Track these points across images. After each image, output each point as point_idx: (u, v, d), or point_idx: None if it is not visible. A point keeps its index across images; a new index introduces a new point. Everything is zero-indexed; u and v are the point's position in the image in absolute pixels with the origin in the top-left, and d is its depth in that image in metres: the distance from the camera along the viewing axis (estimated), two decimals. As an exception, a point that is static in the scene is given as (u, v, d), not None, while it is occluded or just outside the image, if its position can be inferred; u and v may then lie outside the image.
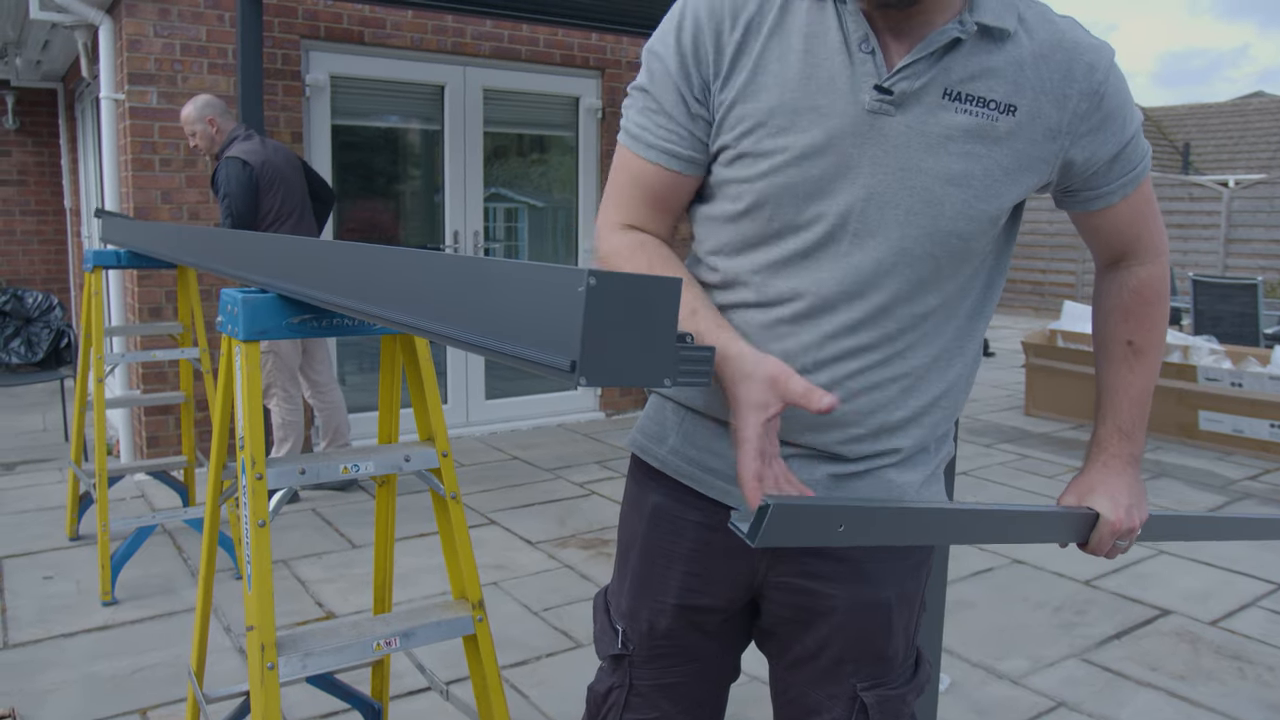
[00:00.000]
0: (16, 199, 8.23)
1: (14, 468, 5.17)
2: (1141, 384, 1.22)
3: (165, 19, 4.69)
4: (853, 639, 1.18)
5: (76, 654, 2.96)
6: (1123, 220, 1.18)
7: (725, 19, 1.08)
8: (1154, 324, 1.21)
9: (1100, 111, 1.09)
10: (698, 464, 1.21)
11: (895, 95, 1.03)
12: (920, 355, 1.13)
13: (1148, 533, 1.24)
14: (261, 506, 1.66)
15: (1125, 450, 1.22)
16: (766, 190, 1.09)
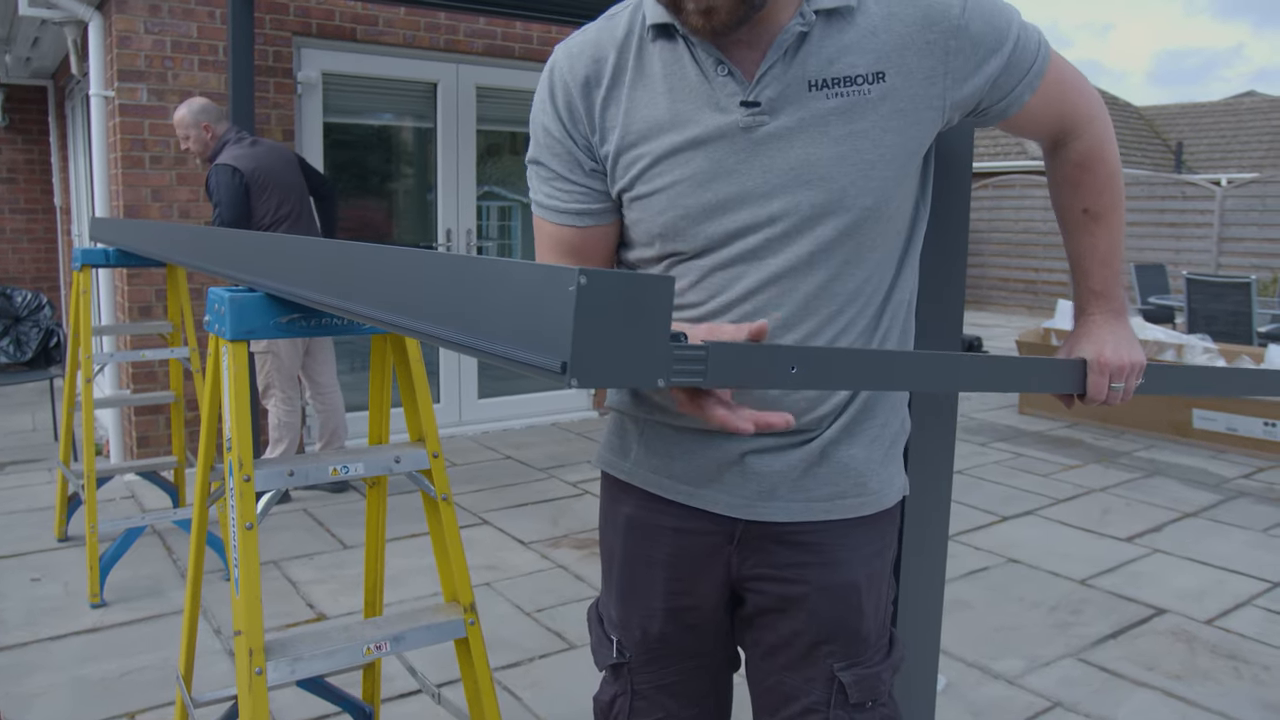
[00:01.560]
0: (6, 197, 8.18)
1: (3, 468, 5.13)
2: (1105, 245, 1.25)
3: (156, 15, 4.65)
4: (827, 622, 1.21)
5: (64, 657, 2.93)
6: (1041, 111, 1.19)
7: (590, 77, 1.15)
8: (1103, 187, 1.23)
9: (970, 42, 1.10)
10: (662, 471, 1.24)
11: (763, 104, 1.08)
12: (856, 329, 1.16)
13: (1152, 384, 1.26)
14: (249, 509, 1.64)
15: (1103, 307, 1.26)
16: (667, 223, 1.14)
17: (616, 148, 1.15)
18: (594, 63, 1.15)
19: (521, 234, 6.39)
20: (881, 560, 1.24)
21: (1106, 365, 1.21)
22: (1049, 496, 4.71)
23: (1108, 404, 1.23)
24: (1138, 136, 18.23)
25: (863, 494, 1.20)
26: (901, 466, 1.28)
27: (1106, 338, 1.24)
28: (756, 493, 1.18)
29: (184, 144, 4.13)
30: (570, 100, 1.16)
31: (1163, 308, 8.49)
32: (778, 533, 1.20)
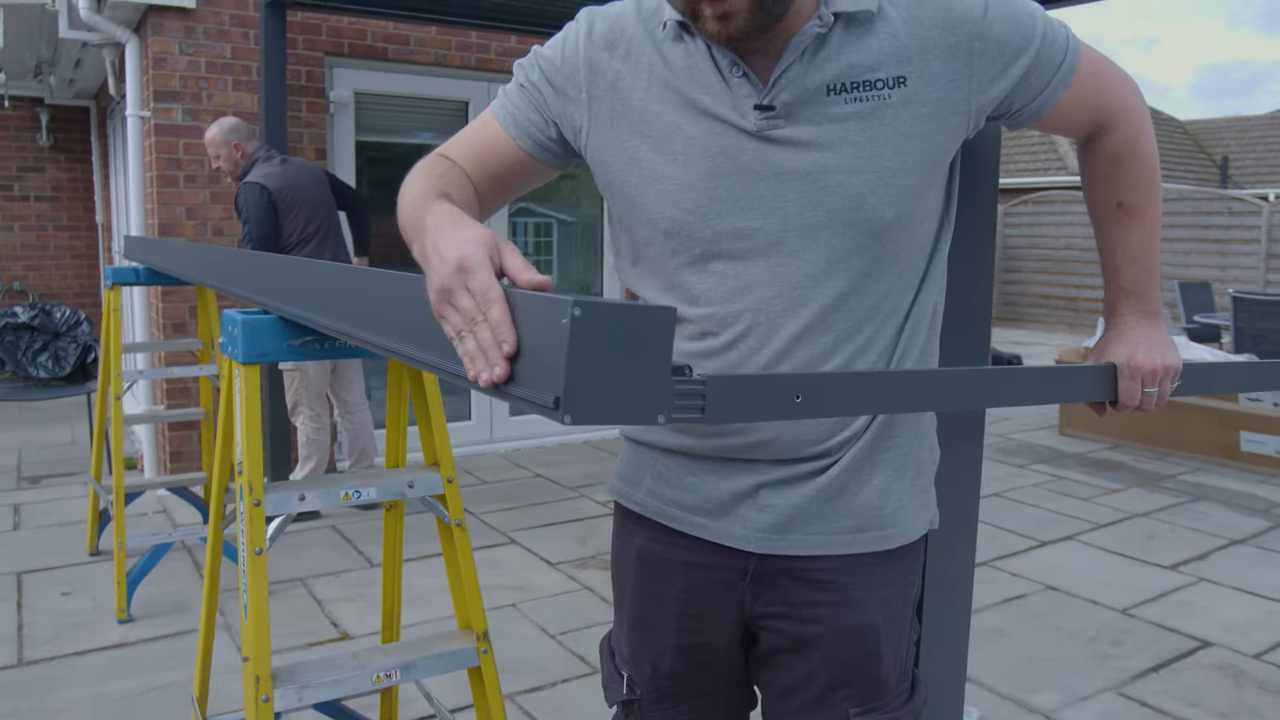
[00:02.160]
0: (50, 214, 8.34)
1: (40, 481, 5.19)
2: (1139, 241, 1.19)
3: (190, 37, 4.71)
4: (842, 665, 1.16)
5: (89, 673, 2.94)
6: (1074, 107, 1.14)
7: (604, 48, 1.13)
8: (1138, 180, 1.17)
9: (995, 44, 1.07)
10: (675, 503, 1.20)
11: (778, 108, 1.05)
12: (877, 347, 1.11)
13: (1188, 384, 1.21)
14: (259, 534, 1.62)
15: (1135, 307, 1.21)
16: (674, 220, 1.10)
17: (623, 138, 1.12)
18: (617, 42, 1.13)
19: (558, 250, 6.39)
20: (902, 600, 1.19)
21: (1138, 369, 1.16)
22: (1090, 521, 4.59)
23: (1142, 409, 1.18)
24: (1182, 151, 17.92)
25: (884, 527, 1.15)
26: (929, 498, 1.22)
27: (1138, 340, 1.18)
28: (771, 525, 1.13)
29: (215, 162, 4.17)
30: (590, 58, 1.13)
31: (1208, 326, 8.28)
32: (792, 569, 1.15)
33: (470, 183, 1.15)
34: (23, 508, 4.68)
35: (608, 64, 1.13)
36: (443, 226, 0.91)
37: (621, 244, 1.20)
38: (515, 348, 0.80)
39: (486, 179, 1.18)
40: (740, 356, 1.09)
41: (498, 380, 0.81)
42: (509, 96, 1.19)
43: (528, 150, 1.17)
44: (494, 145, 1.18)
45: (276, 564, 3.86)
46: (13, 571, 3.79)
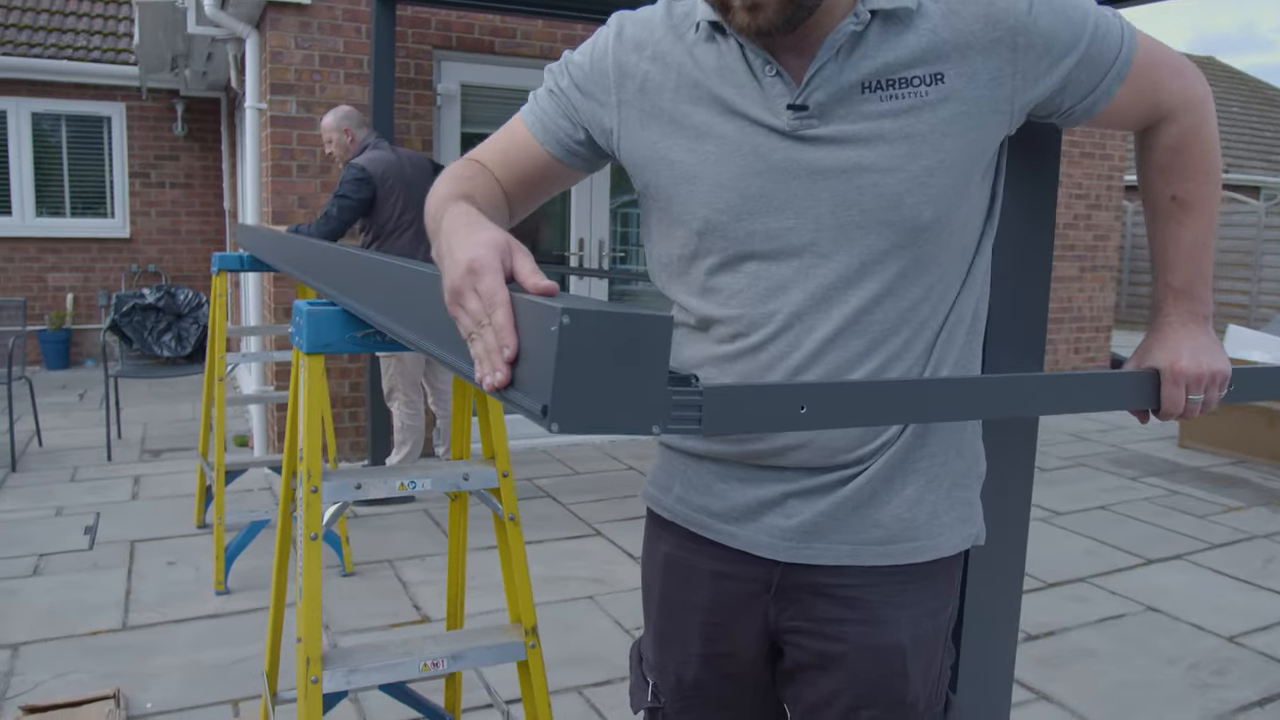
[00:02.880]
0: (183, 201, 8.79)
1: (160, 454, 5.49)
2: (1191, 238, 1.13)
3: (306, 31, 4.88)
4: (867, 685, 1.12)
5: (185, 640, 3.09)
6: (1131, 101, 1.09)
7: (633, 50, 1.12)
8: (1195, 173, 1.11)
9: (1041, 39, 1.02)
10: (703, 510, 1.18)
11: (811, 108, 1.03)
12: (914, 351, 1.07)
13: (1241, 390, 1.14)
14: (315, 520, 1.66)
15: (1184, 308, 1.15)
16: (707, 219, 1.09)
17: (654, 138, 1.11)
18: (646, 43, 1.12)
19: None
20: (934, 621, 1.14)
21: (1182, 375, 1.10)
22: (1203, 540, 4.34)
23: (1186, 417, 1.12)
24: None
25: (916, 539, 1.10)
26: (971, 511, 1.17)
27: (1184, 343, 1.12)
28: (798, 533, 1.11)
29: (327, 148, 4.33)
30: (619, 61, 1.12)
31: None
32: (816, 584, 1.12)
33: (499, 185, 1.17)
34: (142, 479, 4.95)
35: (636, 65, 1.12)
36: (458, 228, 0.92)
37: (655, 249, 1.18)
38: (516, 352, 0.81)
39: (515, 182, 1.19)
40: (771, 359, 1.07)
41: (498, 385, 0.81)
42: (539, 102, 1.20)
43: (555, 155, 1.18)
44: (522, 150, 1.19)
45: (367, 545, 3.99)
46: (126, 540, 4.01)
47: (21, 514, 4.34)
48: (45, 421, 6.04)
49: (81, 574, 3.63)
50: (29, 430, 5.77)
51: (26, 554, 3.83)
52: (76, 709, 2.54)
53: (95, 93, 8.32)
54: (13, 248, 8.27)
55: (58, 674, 2.83)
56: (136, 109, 8.49)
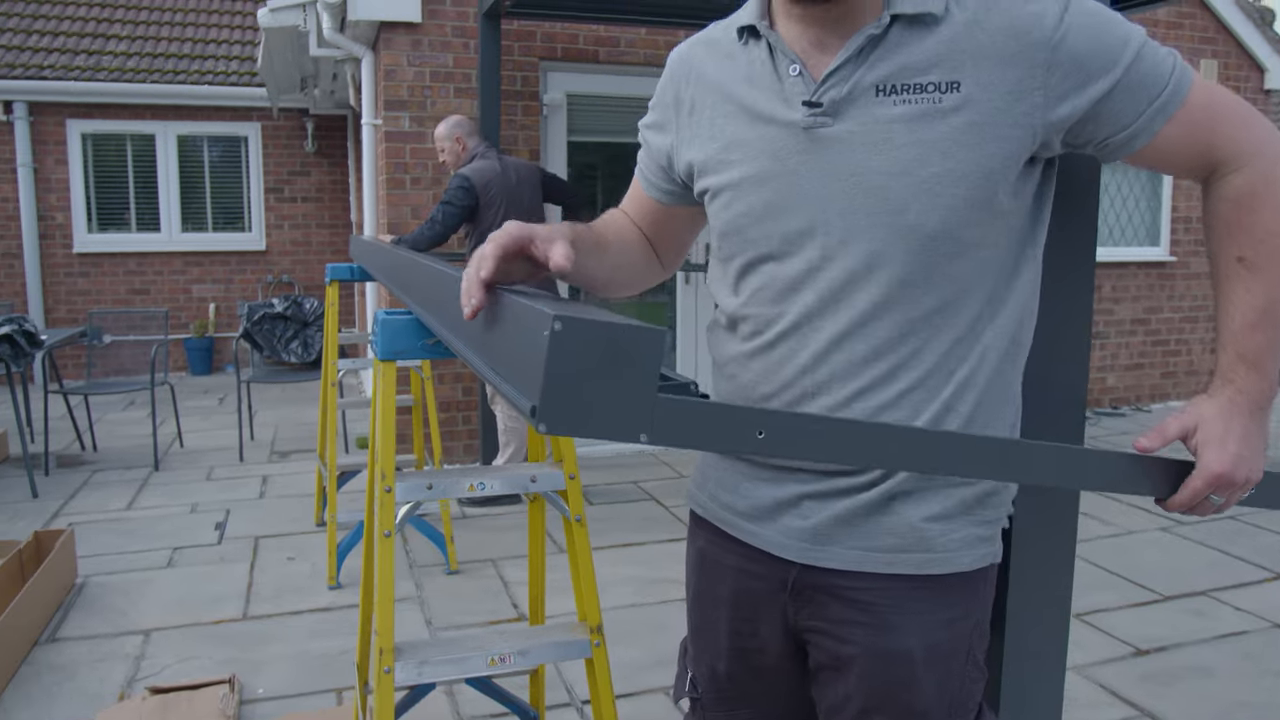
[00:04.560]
0: (314, 214, 9.24)
1: (288, 455, 5.79)
2: (1263, 305, 1.03)
3: (417, 49, 5.08)
4: (876, 691, 1.12)
5: (298, 631, 3.26)
6: (1177, 145, 1.04)
7: (685, 77, 1.20)
8: (1267, 235, 1.03)
9: (1070, 58, 0.99)
10: (729, 508, 1.21)
11: (825, 105, 1.04)
12: (925, 364, 1.06)
13: (1261, 495, 1.07)
14: (388, 518, 1.75)
15: (1247, 385, 1.04)
16: (730, 220, 1.14)
17: (695, 154, 1.18)
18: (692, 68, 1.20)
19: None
20: (950, 633, 1.12)
21: (1220, 480, 1.03)
22: (1345, 553, 4.06)
23: (1195, 514, 1.05)
24: None
25: (928, 551, 1.09)
26: (991, 530, 1.14)
27: (1234, 441, 1.03)
28: (811, 535, 1.12)
29: (440, 156, 4.52)
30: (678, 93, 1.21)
31: None
32: (831, 586, 1.13)
33: (637, 230, 1.33)
34: (270, 479, 5.24)
35: (685, 90, 1.20)
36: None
37: (708, 254, 1.25)
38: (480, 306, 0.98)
39: (653, 231, 1.33)
40: (782, 356, 1.10)
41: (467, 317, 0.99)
42: (641, 161, 1.32)
43: (657, 200, 1.29)
44: (639, 199, 1.33)
45: (473, 544, 4.12)
46: (252, 536, 4.26)
47: (161, 510, 4.65)
48: (187, 424, 6.45)
49: (210, 567, 3.88)
50: (172, 432, 6.17)
51: (163, 547, 4.11)
52: (195, 692, 2.72)
53: (233, 114, 8.84)
54: (162, 262, 8.86)
55: (182, 659, 3.04)
56: (270, 128, 8.98)
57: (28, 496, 4.83)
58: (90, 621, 3.33)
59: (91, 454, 5.78)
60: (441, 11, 5.09)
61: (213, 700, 2.68)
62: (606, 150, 5.90)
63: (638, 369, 0.81)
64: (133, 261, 8.78)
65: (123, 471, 5.37)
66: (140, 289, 8.81)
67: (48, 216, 8.50)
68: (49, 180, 8.47)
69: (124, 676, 2.93)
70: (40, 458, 5.40)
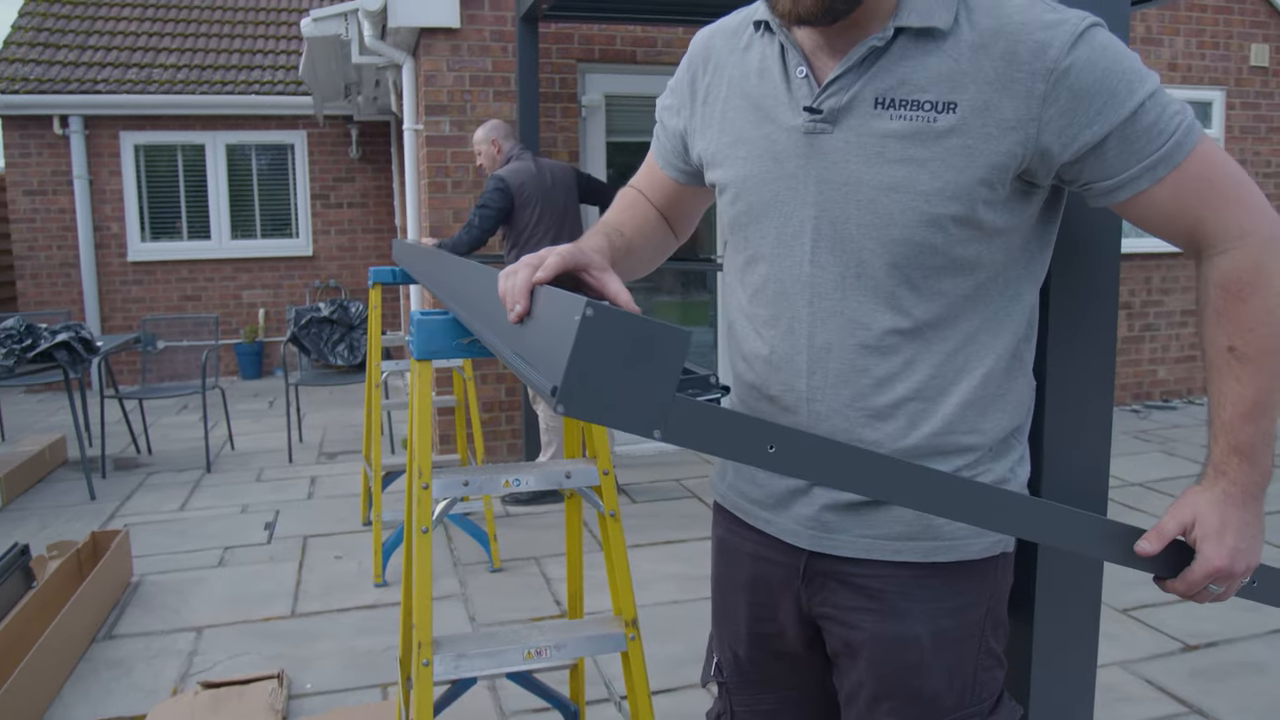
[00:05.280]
0: (360, 219, 9.38)
1: (335, 457, 5.89)
2: (1254, 397, 1.00)
3: (457, 54, 5.14)
4: (885, 677, 1.13)
5: (345, 628, 3.33)
6: (1166, 207, 1.00)
7: (703, 66, 1.22)
8: (1257, 326, 0.99)
9: (1070, 94, 0.97)
10: (745, 496, 1.24)
11: (825, 113, 1.05)
12: (918, 376, 1.06)
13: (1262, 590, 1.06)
14: (425, 514, 1.79)
15: (1241, 476, 1.02)
16: (734, 217, 1.16)
17: (706, 144, 1.20)
18: (710, 56, 1.22)
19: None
20: (958, 620, 1.12)
21: (1218, 574, 1.02)
22: (1407, 548, 3.95)
23: (1194, 600, 1.05)
24: None
25: (935, 539, 1.10)
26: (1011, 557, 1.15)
27: (1229, 530, 1.02)
28: (820, 523, 1.14)
29: (477, 159, 4.59)
30: (693, 79, 1.24)
31: None
32: (840, 573, 1.14)
33: (654, 209, 1.36)
34: (318, 480, 5.34)
35: (701, 78, 1.22)
36: None
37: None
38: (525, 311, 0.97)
39: (664, 206, 1.36)
40: (781, 359, 1.12)
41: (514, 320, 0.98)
42: (656, 139, 1.36)
43: (673, 178, 1.33)
44: (654, 177, 1.36)
45: (517, 542, 4.16)
46: (300, 535, 4.35)
47: (213, 511, 4.76)
48: (237, 427, 6.59)
49: (260, 565, 3.96)
50: (223, 436, 6.31)
51: (215, 546, 4.21)
52: (245, 686, 2.79)
53: (279, 123, 9.00)
54: (213, 269, 9.05)
55: (233, 655, 3.11)
56: (316, 135, 9.13)
57: (86, 499, 4.97)
58: (145, 619, 3.42)
59: (146, 457, 5.93)
60: (480, 16, 5.15)
61: (262, 695, 2.74)
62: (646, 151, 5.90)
63: (659, 366, 0.83)
64: (184, 269, 8.98)
65: (176, 474, 5.50)
66: (192, 295, 9.01)
67: (103, 226, 8.73)
68: (104, 191, 8.70)
69: (177, 672, 3.01)
70: (97, 461, 5.55)
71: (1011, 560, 1.17)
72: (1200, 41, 6.79)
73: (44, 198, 8.58)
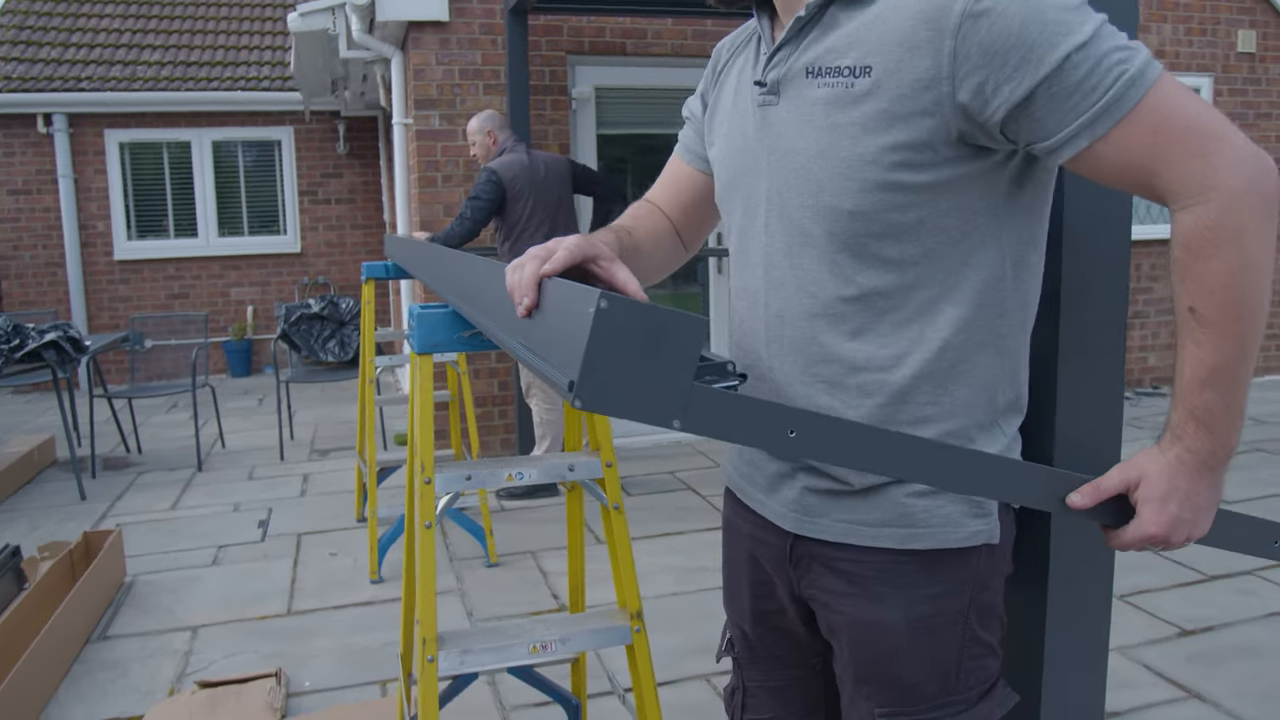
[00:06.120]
0: (347, 215, 9.33)
1: (328, 454, 5.86)
2: (1214, 362, 0.94)
3: (445, 48, 5.11)
4: (863, 660, 1.14)
5: (341, 625, 3.31)
6: (1116, 163, 0.95)
7: (723, 54, 1.28)
8: (1216, 286, 0.92)
9: (976, 48, 0.93)
10: (746, 478, 1.26)
11: (769, 85, 1.10)
12: (870, 345, 1.06)
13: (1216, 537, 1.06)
14: (429, 509, 1.77)
15: (1201, 445, 0.97)
16: (717, 196, 1.24)
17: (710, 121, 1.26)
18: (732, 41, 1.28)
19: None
20: (934, 607, 1.10)
21: (1152, 541, 1.00)
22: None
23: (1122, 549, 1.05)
24: None
25: (911, 525, 1.09)
26: (984, 508, 1.10)
27: (1174, 497, 0.99)
28: (803, 506, 1.15)
29: (471, 149, 4.55)
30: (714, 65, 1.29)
31: None
32: (824, 556, 1.15)
33: (666, 219, 1.36)
34: (310, 477, 5.31)
35: (710, 92, 1.29)
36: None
37: None
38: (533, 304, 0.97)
39: (680, 211, 1.36)
40: (747, 329, 1.16)
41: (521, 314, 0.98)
42: (682, 131, 1.37)
43: (699, 169, 1.33)
44: (676, 174, 1.37)
45: (513, 537, 4.15)
46: (294, 533, 4.32)
47: (205, 509, 4.73)
48: (228, 425, 6.55)
49: (254, 564, 3.94)
50: (213, 434, 6.27)
51: (208, 545, 4.18)
52: (243, 685, 2.77)
53: (266, 119, 8.94)
54: (200, 267, 9.00)
55: (229, 654, 3.09)
56: (303, 131, 9.08)
57: (76, 499, 4.93)
58: (140, 619, 3.40)
59: (136, 456, 5.89)
60: (468, 9, 5.12)
61: (260, 693, 2.72)
62: (637, 142, 5.90)
63: (677, 355, 0.82)
64: (171, 267, 8.92)
65: (167, 473, 5.47)
66: (179, 294, 8.95)
67: (88, 225, 8.66)
68: (89, 190, 8.63)
69: (173, 672, 2.98)
70: (87, 461, 5.50)
71: (1001, 553, 1.13)
72: (1188, 28, 6.81)
73: (28, 197, 8.51)
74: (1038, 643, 1.26)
